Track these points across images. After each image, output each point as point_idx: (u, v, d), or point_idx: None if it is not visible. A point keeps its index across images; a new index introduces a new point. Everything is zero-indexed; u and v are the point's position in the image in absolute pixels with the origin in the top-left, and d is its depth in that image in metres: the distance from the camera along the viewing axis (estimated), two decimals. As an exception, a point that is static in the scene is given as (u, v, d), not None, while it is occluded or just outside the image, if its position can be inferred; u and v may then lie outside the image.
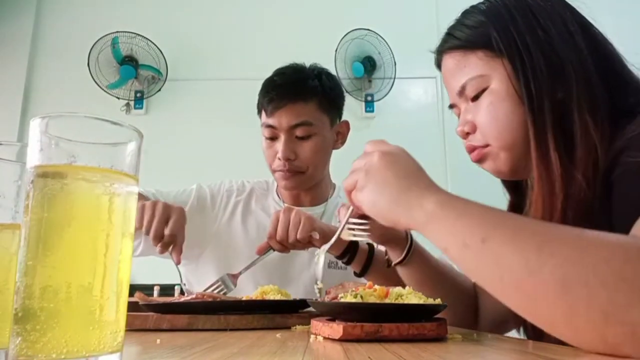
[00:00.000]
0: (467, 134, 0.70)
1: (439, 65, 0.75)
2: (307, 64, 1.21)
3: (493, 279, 0.41)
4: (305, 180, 1.16)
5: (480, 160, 0.69)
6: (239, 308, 0.72)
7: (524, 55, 0.63)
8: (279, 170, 1.13)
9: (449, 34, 0.72)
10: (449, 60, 0.71)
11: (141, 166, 0.36)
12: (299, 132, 1.12)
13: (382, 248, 0.88)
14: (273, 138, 1.13)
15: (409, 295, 0.58)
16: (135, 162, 0.36)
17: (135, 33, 2.53)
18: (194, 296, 0.81)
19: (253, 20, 2.70)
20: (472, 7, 0.71)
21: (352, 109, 2.56)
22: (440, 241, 0.47)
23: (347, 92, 2.51)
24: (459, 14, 0.72)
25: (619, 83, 0.62)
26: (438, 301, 0.58)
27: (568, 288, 0.36)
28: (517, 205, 0.75)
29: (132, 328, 0.66)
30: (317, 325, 0.56)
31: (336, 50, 2.48)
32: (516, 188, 0.76)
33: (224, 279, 1.01)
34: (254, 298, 0.79)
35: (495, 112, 0.65)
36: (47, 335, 0.30)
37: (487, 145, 0.67)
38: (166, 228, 0.92)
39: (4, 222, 0.38)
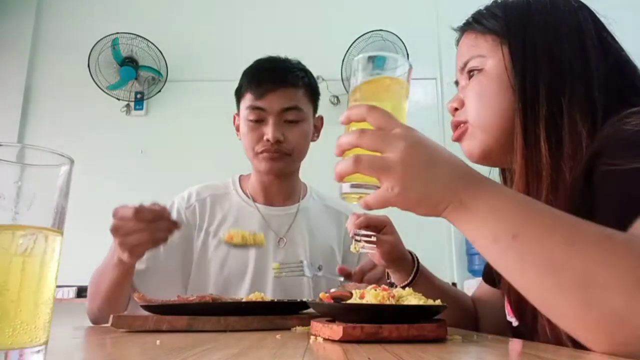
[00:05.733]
0: (456, 110, 0.71)
1: (457, 41, 0.77)
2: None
3: (516, 272, 0.42)
4: (290, 164, 1.17)
5: (459, 138, 0.71)
6: (239, 309, 0.72)
7: (527, 46, 0.64)
8: (265, 152, 1.12)
9: (473, 17, 0.74)
10: (465, 39, 0.74)
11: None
12: (289, 115, 1.13)
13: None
14: (259, 121, 1.13)
15: (409, 296, 0.58)
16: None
17: (135, 34, 2.53)
18: (194, 297, 0.81)
19: (253, 21, 2.70)
20: None
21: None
22: (470, 233, 0.46)
23: (348, 93, 2.51)
24: (491, 1, 0.74)
25: (631, 94, 0.60)
26: (438, 302, 0.58)
27: (587, 286, 0.36)
28: None
29: (132, 329, 0.66)
30: (317, 326, 0.56)
31: (345, 54, 2.50)
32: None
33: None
34: (254, 300, 0.79)
35: (481, 91, 0.67)
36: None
37: (466, 122, 0.69)
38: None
39: (4, 223, 0.38)
